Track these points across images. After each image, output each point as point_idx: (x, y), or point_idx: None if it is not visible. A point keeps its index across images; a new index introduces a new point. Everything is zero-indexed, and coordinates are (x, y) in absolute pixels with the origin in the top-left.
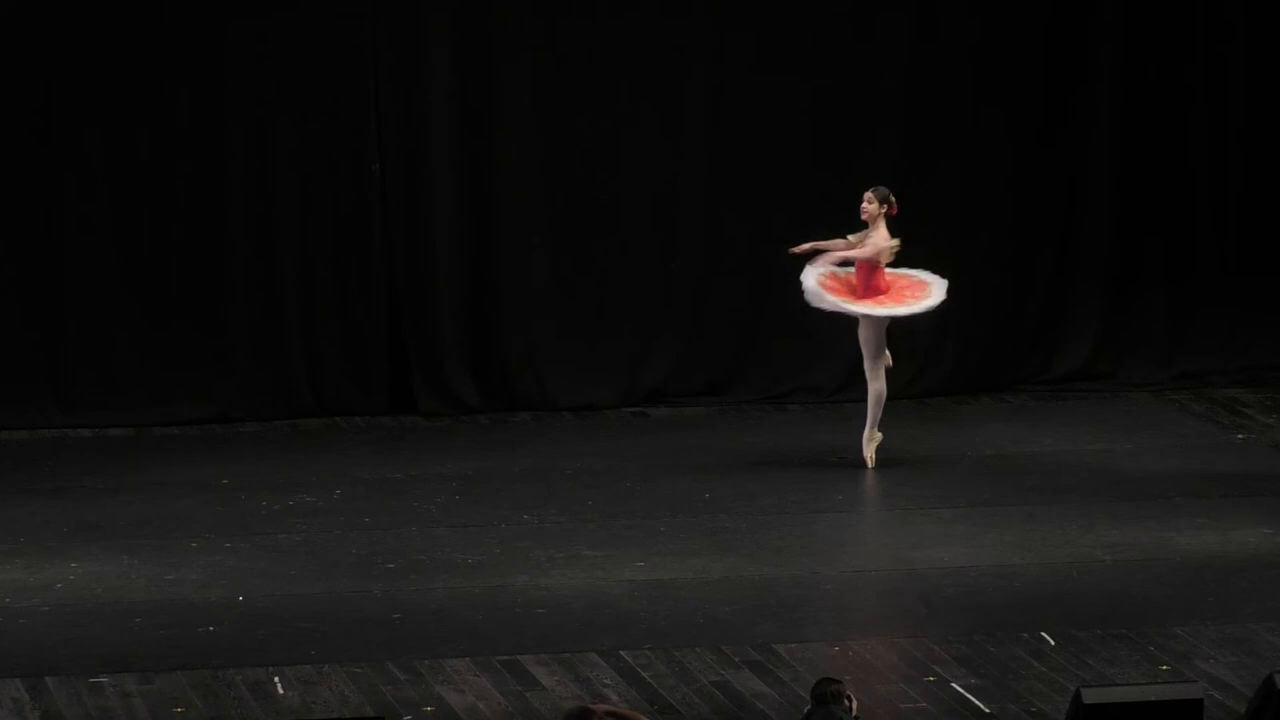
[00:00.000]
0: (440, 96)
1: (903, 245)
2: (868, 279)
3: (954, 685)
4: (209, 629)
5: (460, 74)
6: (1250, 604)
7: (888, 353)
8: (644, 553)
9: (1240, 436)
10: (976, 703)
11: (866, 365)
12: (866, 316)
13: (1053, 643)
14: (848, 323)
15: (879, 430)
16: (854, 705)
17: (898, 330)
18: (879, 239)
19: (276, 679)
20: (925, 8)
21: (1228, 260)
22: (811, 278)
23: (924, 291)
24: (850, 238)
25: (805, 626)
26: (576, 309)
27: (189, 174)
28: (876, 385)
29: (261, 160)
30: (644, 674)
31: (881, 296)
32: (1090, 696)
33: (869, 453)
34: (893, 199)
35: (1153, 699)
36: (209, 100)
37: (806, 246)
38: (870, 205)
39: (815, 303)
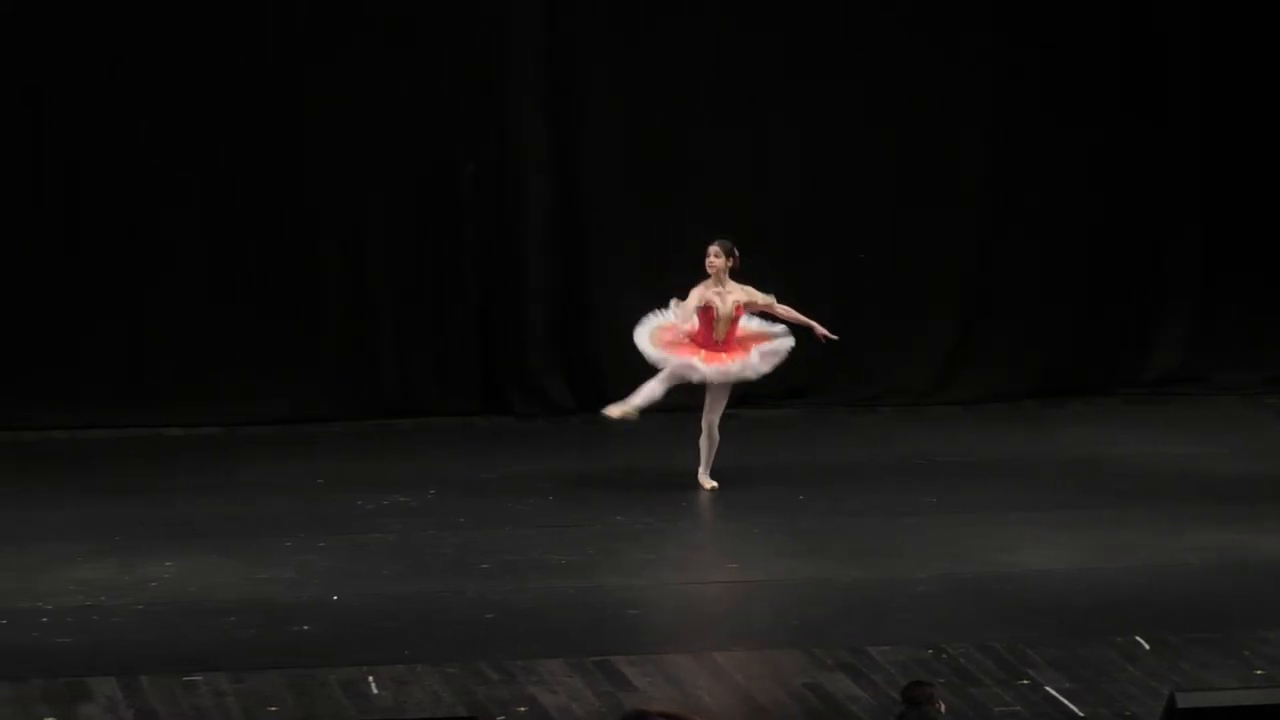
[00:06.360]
0: (531, 97)
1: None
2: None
3: (1047, 689)
4: (302, 628)
5: (550, 74)
6: None
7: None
8: (736, 554)
9: None
10: (1070, 706)
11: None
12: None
13: (1147, 646)
14: (924, 325)
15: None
16: (943, 708)
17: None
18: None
19: (370, 678)
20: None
21: None
22: (645, 338)
23: (764, 340)
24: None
25: (897, 629)
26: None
27: (279, 172)
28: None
29: (353, 159)
30: (736, 675)
31: (722, 351)
32: (1185, 701)
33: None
34: (736, 252)
35: (1247, 704)
36: (298, 98)
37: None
38: (717, 259)
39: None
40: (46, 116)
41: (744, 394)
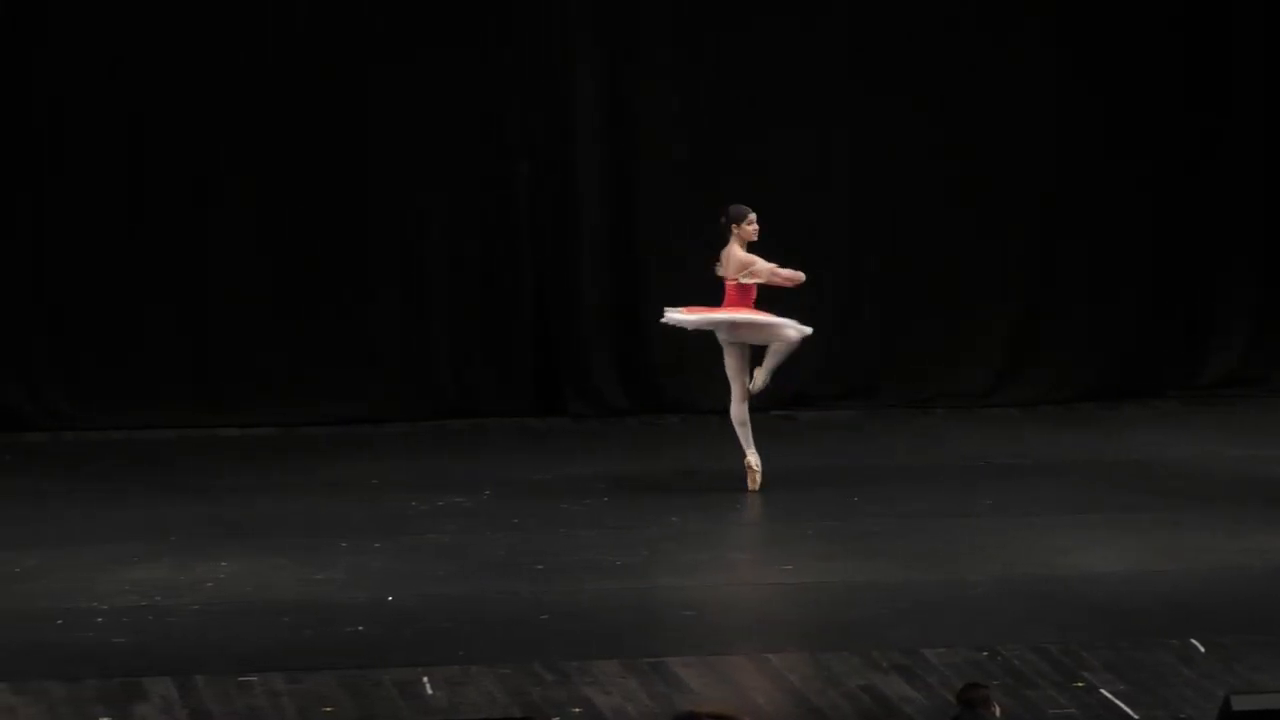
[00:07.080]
0: (586, 97)
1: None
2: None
3: (1102, 691)
4: (357, 629)
5: (607, 77)
6: None
7: (759, 376)
8: (790, 556)
9: None
10: (1125, 709)
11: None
12: (728, 340)
13: (1202, 649)
14: (979, 327)
15: (755, 455)
16: (997, 711)
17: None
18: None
19: (425, 679)
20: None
21: None
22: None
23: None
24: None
25: (952, 631)
26: None
27: (336, 176)
28: (737, 410)
29: (408, 160)
30: (790, 677)
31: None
32: (1240, 703)
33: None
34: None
35: None
36: (355, 102)
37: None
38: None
39: (680, 322)
40: (94, 120)
41: (800, 395)
